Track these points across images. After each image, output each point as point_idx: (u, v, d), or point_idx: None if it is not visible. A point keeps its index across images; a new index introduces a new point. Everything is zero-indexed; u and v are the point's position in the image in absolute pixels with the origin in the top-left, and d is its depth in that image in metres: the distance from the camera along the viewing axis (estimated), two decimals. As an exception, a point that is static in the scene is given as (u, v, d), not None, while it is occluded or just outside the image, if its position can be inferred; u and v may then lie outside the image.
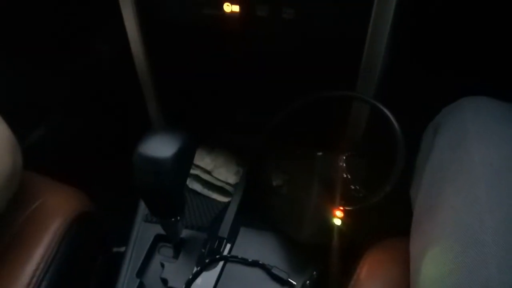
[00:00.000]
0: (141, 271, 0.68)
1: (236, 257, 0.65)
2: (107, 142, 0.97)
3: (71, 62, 0.94)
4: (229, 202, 0.73)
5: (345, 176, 0.57)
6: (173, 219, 0.61)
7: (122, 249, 0.73)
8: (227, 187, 0.75)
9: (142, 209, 0.74)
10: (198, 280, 0.64)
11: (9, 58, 0.82)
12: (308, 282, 0.62)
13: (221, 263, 0.65)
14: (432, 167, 0.47)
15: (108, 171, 0.91)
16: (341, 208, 0.57)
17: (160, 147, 0.52)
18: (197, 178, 0.77)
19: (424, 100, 0.63)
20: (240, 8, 0.58)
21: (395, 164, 0.52)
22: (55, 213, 0.66)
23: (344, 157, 0.58)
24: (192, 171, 0.76)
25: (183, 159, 0.55)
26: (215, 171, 0.77)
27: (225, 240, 0.67)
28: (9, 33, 0.81)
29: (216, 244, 0.67)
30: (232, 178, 0.76)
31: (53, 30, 0.88)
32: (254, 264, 0.64)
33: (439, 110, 0.53)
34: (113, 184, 0.89)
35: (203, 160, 0.78)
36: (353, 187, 0.57)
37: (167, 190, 0.54)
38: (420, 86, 0.67)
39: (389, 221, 0.58)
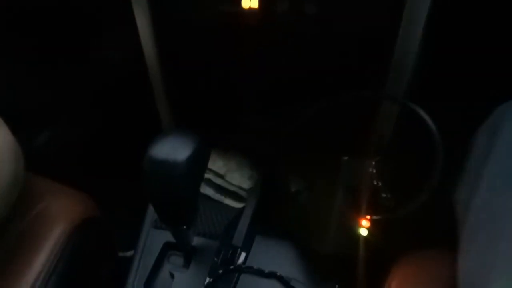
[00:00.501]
0: (149, 281, 0.64)
1: (251, 268, 0.62)
2: (115, 145, 0.94)
3: (79, 64, 0.91)
4: (243, 208, 0.69)
5: (375, 183, 0.53)
6: (184, 227, 0.57)
7: (129, 253, 0.70)
8: (241, 192, 0.72)
9: (151, 214, 0.70)
10: (211, 292, 0.60)
11: (16, 61, 0.80)
12: (329, 296, 0.58)
13: (235, 274, 0.61)
14: (492, 174, 0.42)
15: (116, 174, 0.87)
16: (368, 217, 0.52)
17: (173, 150, 0.49)
18: (209, 183, 0.73)
19: (458, 101, 0.59)
20: (259, 3, 0.55)
21: (432, 170, 0.47)
22: (59, 217, 0.64)
23: (374, 162, 0.54)
24: (204, 175, 0.72)
25: (198, 163, 0.51)
26: (228, 175, 0.73)
27: (239, 249, 0.64)
28: (15, 35, 0.78)
29: (229, 254, 0.63)
30: (246, 183, 0.72)
31: (61, 32, 0.85)
32: (271, 275, 0.61)
33: (477, 110, 0.49)
34: (121, 187, 0.85)
35: (216, 163, 0.74)
36: (384, 195, 0.53)
37: (180, 196, 0.50)
38: (453, 84, 0.62)
39: (420, 231, 0.54)
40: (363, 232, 0.53)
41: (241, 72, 0.66)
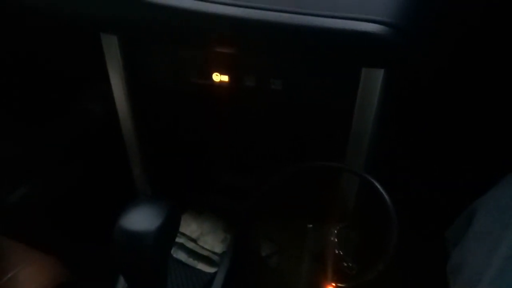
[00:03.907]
0: None
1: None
2: (89, 207, 0.94)
3: (56, 123, 0.93)
4: (215, 273, 0.69)
5: (336, 252, 0.55)
6: (154, 296, 0.57)
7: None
8: (213, 257, 0.72)
9: (123, 281, 0.70)
10: None
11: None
12: None
13: None
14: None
15: (89, 237, 0.87)
16: (333, 284, 0.54)
17: (143, 220, 0.50)
18: (182, 247, 0.74)
19: (416, 172, 0.62)
20: (229, 79, 0.59)
21: (388, 240, 0.50)
22: (29, 284, 0.62)
23: (336, 231, 0.56)
24: (177, 239, 0.73)
25: (168, 232, 0.53)
26: (200, 239, 0.74)
27: (210, 318, 0.63)
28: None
29: (201, 322, 0.63)
30: (218, 247, 0.73)
31: (38, 89, 0.88)
32: None
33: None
34: (94, 251, 0.85)
35: (189, 227, 0.75)
36: (345, 264, 0.54)
37: (149, 266, 0.51)
38: (411, 158, 0.66)
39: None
40: (329, 299, 0.54)
41: (214, 137, 0.69)
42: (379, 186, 0.51)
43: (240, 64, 0.57)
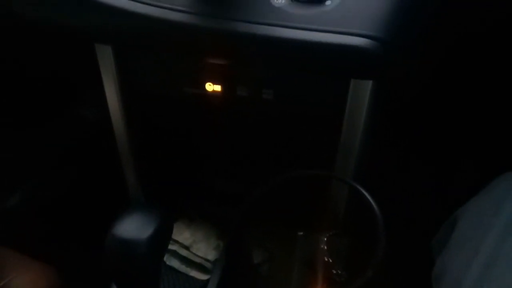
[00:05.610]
0: None
1: None
2: (82, 213, 0.94)
3: (50, 129, 0.93)
4: (207, 281, 0.70)
5: (326, 259, 0.56)
6: (146, 304, 0.57)
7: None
8: (206, 264, 0.73)
9: (115, 288, 0.70)
10: None
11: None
12: None
13: None
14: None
15: (82, 245, 0.87)
16: (323, 292, 0.54)
17: (135, 228, 0.51)
18: (175, 254, 0.74)
19: (406, 182, 0.63)
20: (222, 88, 0.60)
21: (376, 247, 0.51)
22: None
23: (325, 238, 0.57)
24: (170, 246, 0.74)
25: (160, 240, 0.53)
26: (193, 246, 0.74)
27: (202, 325, 0.63)
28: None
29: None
30: (211, 254, 0.73)
31: (32, 95, 0.88)
32: None
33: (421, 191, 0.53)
34: (87, 259, 0.85)
35: (182, 235, 0.76)
36: (334, 272, 0.55)
37: (141, 274, 0.52)
38: (400, 167, 0.68)
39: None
40: (319, 307, 0.54)
41: (207, 145, 0.70)
42: (367, 195, 0.52)
43: (232, 74, 0.58)
